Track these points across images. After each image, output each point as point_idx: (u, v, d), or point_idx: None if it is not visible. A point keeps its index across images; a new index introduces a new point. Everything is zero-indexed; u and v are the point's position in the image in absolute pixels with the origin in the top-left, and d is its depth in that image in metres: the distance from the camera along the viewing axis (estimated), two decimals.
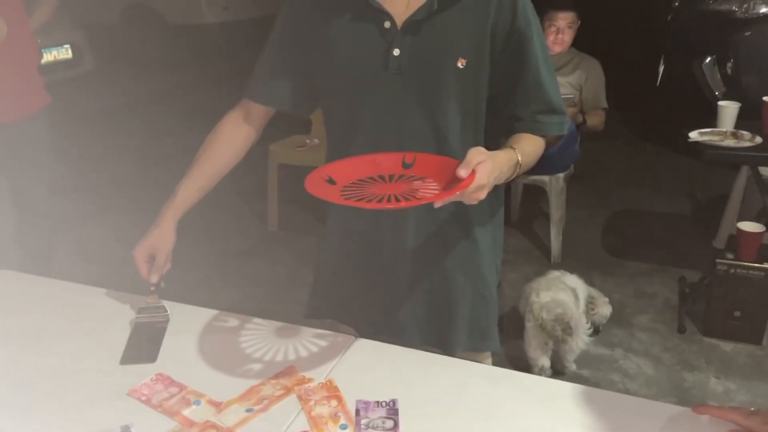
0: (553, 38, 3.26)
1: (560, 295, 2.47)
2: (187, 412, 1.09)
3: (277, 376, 1.17)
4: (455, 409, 1.11)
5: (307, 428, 1.05)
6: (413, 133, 1.24)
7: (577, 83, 3.35)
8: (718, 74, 4.28)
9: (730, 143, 2.59)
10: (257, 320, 1.35)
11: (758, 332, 2.68)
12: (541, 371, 2.45)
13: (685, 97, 4.52)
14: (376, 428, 1.05)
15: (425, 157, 1.16)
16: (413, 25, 1.20)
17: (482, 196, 1.07)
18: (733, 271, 2.63)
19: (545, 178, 3.32)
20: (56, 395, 1.14)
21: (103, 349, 1.27)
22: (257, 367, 1.21)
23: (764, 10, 4.12)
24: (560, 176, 3.34)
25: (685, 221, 3.91)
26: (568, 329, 2.40)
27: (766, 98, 2.64)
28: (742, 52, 4.01)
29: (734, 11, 4.21)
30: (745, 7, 4.19)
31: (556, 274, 2.65)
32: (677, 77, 4.76)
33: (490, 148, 1.12)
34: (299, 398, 1.12)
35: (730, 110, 2.71)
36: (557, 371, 2.51)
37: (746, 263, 2.62)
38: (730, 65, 4.20)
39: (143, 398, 1.12)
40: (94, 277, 1.60)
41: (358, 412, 1.08)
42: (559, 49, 3.31)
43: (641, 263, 3.38)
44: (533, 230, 3.78)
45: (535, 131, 1.26)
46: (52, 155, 2.62)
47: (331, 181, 1.12)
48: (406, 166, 1.15)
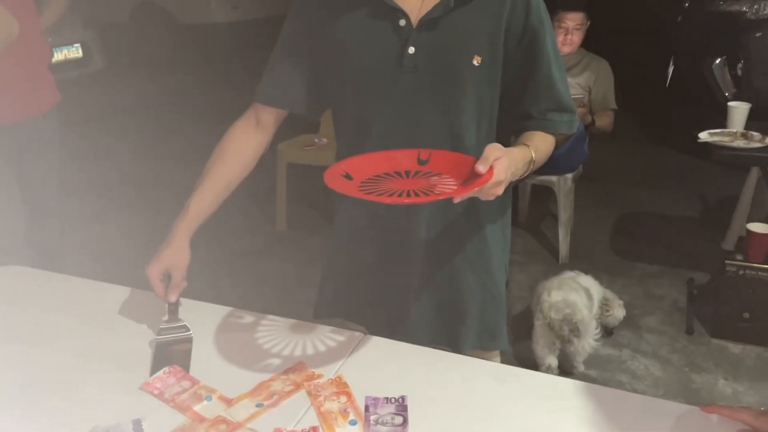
0: (562, 39, 3.25)
1: (571, 295, 2.47)
2: (198, 407, 1.10)
3: (287, 371, 1.18)
4: (463, 405, 1.11)
5: (316, 423, 1.06)
6: (427, 130, 1.24)
7: (586, 84, 3.34)
8: (728, 75, 4.26)
9: (739, 144, 2.59)
10: (269, 317, 1.36)
11: (767, 334, 2.67)
12: (548, 370, 2.45)
13: (694, 98, 4.51)
14: (385, 424, 1.05)
15: (440, 153, 1.16)
16: (429, 22, 1.19)
17: (500, 191, 1.07)
18: (742, 272, 2.62)
19: (553, 178, 3.32)
20: (68, 389, 1.15)
21: (115, 344, 1.28)
22: (268, 362, 1.22)
23: None
24: (569, 177, 3.33)
25: (694, 222, 3.90)
26: (575, 330, 2.40)
27: None
28: (752, 53, 3.98)
29: (744, 12, 4.20)
30: (755, 8, 4.18)
31: (570, 274, 2.64)
32: (687, 78, 4.74)
33: (501, 145, 1.12)
34: (309, 394, 1.13)
35: (740, 111, 2.70)
36: (566, 371, 2.51)
37: (755, 265, 2.61)
38: (740, 66, 4.18)
39: (156, 392, 1.13)
40: (105, 275, 1.60)
41: (367, 408, 1.09)
42: (568, 49, 3.30)
43: (649, 264, 3.37)
44: (541, 231, 3.77)
45: (545, 129, 1.27)
46: (62, 153, 2.63)
47: (348, 176, 1.12)
48: (421, 162, 1.15)
